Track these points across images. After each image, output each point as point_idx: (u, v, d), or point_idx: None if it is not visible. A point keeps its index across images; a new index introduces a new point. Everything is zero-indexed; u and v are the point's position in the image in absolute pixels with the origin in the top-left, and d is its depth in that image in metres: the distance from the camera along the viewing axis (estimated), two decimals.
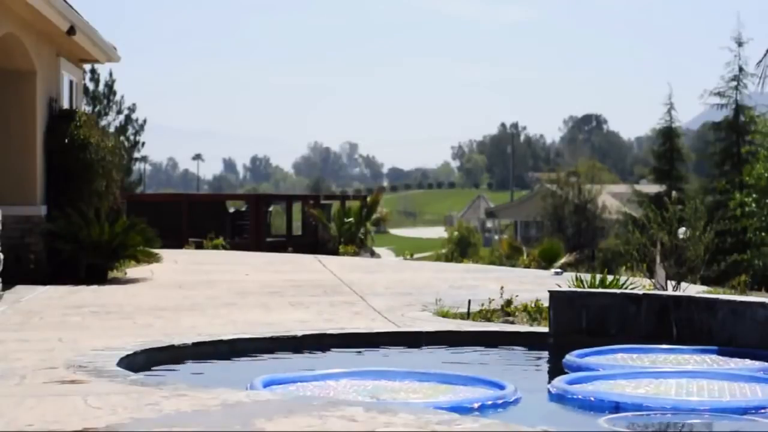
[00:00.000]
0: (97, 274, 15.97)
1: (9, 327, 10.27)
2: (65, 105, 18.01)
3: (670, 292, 12.29)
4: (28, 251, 15.82)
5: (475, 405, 6.77)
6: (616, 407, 6.72)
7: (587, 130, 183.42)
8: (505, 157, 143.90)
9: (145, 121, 51.45)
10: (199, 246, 27.73)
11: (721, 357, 8.77)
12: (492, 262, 34.37)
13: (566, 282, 13.61)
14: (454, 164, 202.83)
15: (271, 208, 35.19)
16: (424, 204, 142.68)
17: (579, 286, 12.53)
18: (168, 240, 22.15)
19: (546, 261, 31.07)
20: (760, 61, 18.64)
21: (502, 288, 12.56)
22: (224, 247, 28.45)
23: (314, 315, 11.58)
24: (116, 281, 16.01)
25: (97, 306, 12.30)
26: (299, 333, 9.76)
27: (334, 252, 28.65)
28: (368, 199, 33.94)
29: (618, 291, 10.72)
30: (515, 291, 12.74)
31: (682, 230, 13.94)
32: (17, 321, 10.80)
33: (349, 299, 13.41)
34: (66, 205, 16.22)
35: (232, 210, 34.30)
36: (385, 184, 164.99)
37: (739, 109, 41.08)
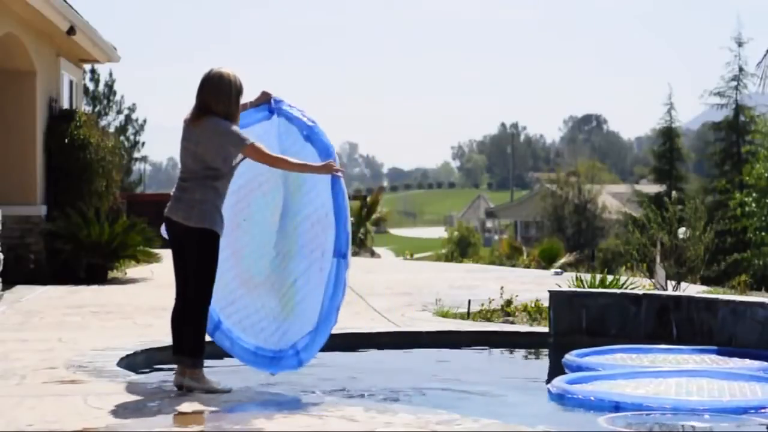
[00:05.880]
0: (97, 274, 15.97)
1: (9, 327, 10.27)
2: (65, 105, 17.99)
3: (670, 292, 12.29)
4: (28, 251, 15.81)
5: None
6: (616, 407, 6.72)
7: (587, 130, 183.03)
8: (505, 157, 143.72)
9: (145, 121, 51.33)
10: None
11: (721, 357, 8.77)
12: (492, 262, 34.27)
13: (566, 282, 13.61)
14: (454, 164, 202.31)
15: None
16: (424, 204, 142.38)
17: (579, 286, 12.53)
18: None
19: (546, 261, 31.06)
20: (760, 62, 18.65)
21: (502, 288, 12.57)
22: None
23: None
24: (116, 281, 16.01)
25: (97, 306, 12.29)
26: None
27: None
28: (368, 199, 33.93)
29: (618, 291, 10.72)
30: (515, 291, 12.74)
31: (682, 230, 13.93)
32: (17, 321, 10.80)
33: (349, 299, 13.32)
34: (66, 205, 16.21)
35: None
36: (385, 184, 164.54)
37: (739, 109, 41.07)
